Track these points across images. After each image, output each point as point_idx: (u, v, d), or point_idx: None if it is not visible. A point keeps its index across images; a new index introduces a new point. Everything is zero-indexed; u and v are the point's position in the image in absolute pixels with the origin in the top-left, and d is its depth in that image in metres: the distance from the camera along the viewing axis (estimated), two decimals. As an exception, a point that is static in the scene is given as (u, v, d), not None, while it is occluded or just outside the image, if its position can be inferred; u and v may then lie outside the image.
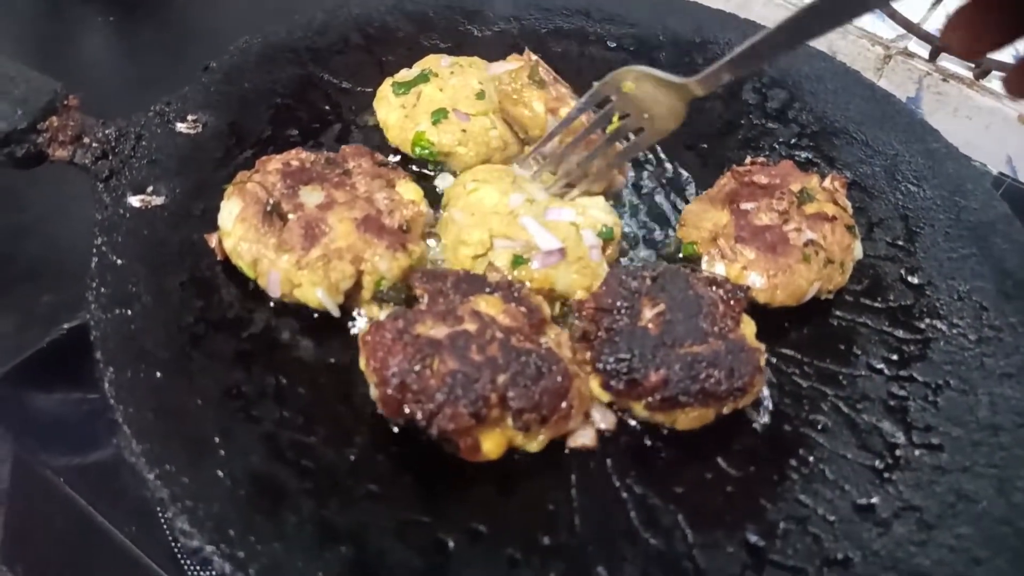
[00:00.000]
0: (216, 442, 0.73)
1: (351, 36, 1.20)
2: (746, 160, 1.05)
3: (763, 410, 0.86)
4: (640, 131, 0.93)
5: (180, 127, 0.99)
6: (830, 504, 0.80)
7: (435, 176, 1.05)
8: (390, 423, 0.78)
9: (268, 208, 0.87)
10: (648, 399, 0.79)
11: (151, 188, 0.92)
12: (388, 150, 1.07)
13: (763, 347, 0.84)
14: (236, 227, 0.86)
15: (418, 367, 0.74)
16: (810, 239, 0.94)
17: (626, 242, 1.01)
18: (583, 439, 0.80)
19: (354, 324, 0.87)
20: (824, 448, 0.84)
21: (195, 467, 0.71)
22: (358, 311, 0.88)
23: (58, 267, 1.11)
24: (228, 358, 0.81)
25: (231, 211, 0.88)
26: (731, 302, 0.85)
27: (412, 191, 0.94)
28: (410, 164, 1.05)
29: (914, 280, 1.01)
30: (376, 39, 1.21)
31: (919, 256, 1.04)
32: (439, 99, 1.05)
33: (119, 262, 0.84)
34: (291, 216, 0.87)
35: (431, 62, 1.11)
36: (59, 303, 1.05)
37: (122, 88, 1.41)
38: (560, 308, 0.91)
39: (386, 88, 1.09)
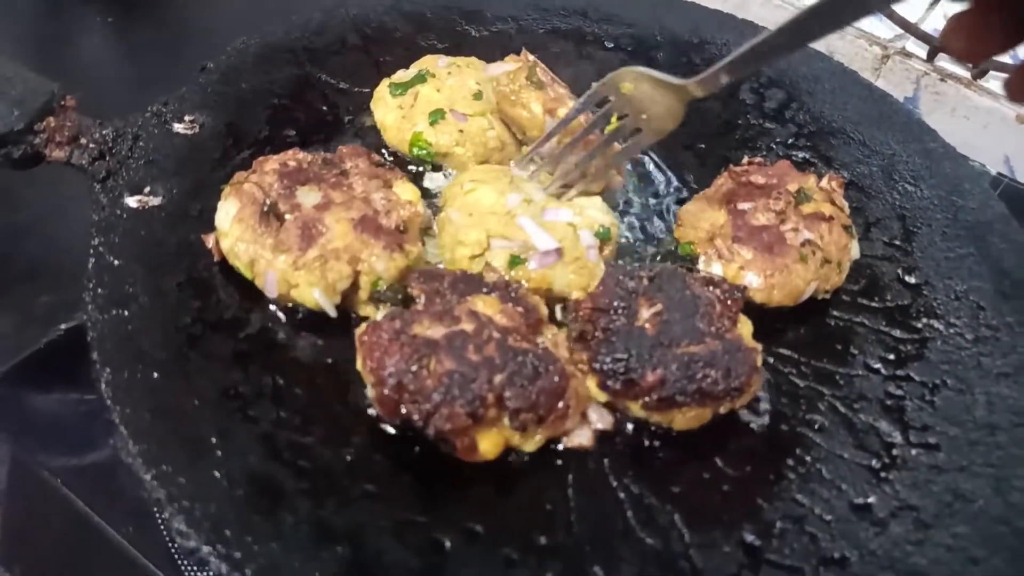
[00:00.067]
0: (213, 442, 0.73)
1: (348, 37, 1.20)
2: (743, 160, 1.05)
3: (760, 410, 0.86)
4: (638, 132, 0.94)
5: (177, 127, 0.99)
6: (827, 503, 0.80)
7: (423, 176, 1.05)
8: (387, 423, 0.78)
9: (265, 208, 0.87)
10: (645, 399, 0.79)
11: (148, 189, 0.92)
12: (385, 151, 1.07)
13: (760, 347, 0.84)
14: (233, 227, 0.86)
15: (415, 367, 0.74)
16: (807, 239, 0.94)
17: (623, 241, 1.01)
18: (580, 439, 0.80)
19: (351, 324, 0.87)
20: (821, 448, 0.84)
21: (192, 467, 0.71)
22: (355, 312, 0.88)
23: (55, 268, 1.10)
24: (225, 358, 0.81)
25: (228, 211, 0.88)
26: (728, 302, 0.85)
27: (409, 191, 0.94)
28: (408, 165, 1.05)
29: (911, 280, 1.01)
30: (373, 39, 1.21)
31: (916, 256, 1.04)
32: (436, 100, 1.05)
33: (116, 263, 0.84)
34: (288, 216, 0.87)
35: (428, 63, 1.11)
36: (56, 304, 1.05)
37: (119, 88, 1.41)
38: (560, 309, 0.91)
39: (383, 89, 1.09)
